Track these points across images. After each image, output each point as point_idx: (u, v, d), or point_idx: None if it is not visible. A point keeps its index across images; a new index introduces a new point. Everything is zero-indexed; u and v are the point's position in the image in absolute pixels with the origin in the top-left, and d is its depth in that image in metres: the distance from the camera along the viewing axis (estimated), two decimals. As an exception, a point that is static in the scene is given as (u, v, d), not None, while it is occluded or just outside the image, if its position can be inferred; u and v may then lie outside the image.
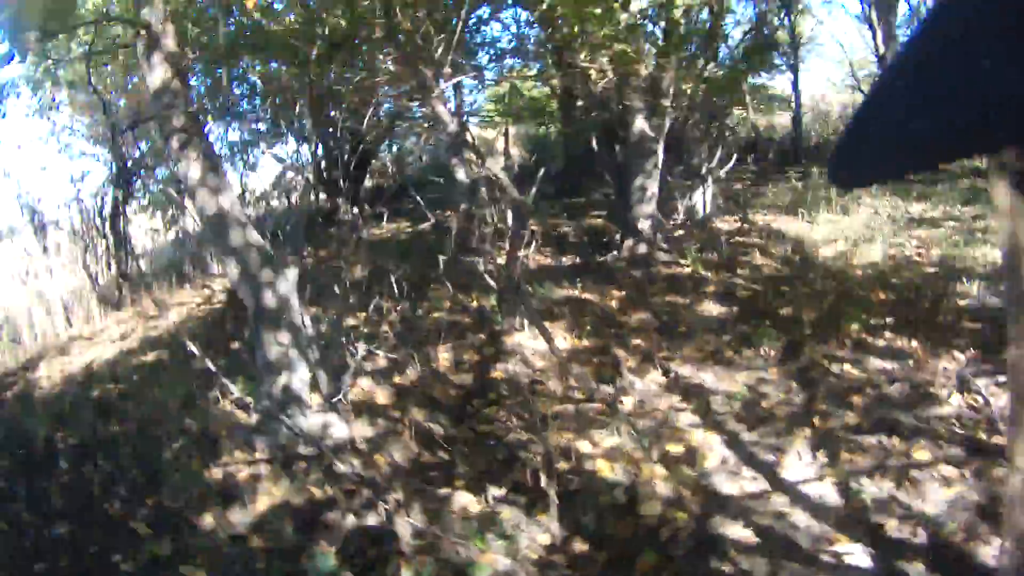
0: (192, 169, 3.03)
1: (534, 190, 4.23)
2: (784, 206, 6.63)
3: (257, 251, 3.11)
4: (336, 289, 3.69)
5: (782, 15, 5.96)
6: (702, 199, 6.09)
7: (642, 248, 5.25)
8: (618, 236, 5.54)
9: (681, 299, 4.26)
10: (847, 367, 3.43)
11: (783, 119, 10.42)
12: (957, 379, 3.39)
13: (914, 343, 3.69)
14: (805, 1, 7.29)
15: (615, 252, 5.41)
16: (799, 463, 2.73)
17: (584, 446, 2.74)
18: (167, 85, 2.99)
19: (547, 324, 4.03)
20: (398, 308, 4.81)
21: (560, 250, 5.86)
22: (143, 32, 3.00)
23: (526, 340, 3.75)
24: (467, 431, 2.95)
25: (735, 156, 5.77)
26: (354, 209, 8.47)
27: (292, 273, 3.22)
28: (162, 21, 3.01)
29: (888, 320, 3.92)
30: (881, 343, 3.70)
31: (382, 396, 3.45)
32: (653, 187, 5.18)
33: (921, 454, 2.83)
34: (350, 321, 4.60)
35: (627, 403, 3.05)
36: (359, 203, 8.46)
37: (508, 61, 6.85)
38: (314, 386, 3.28)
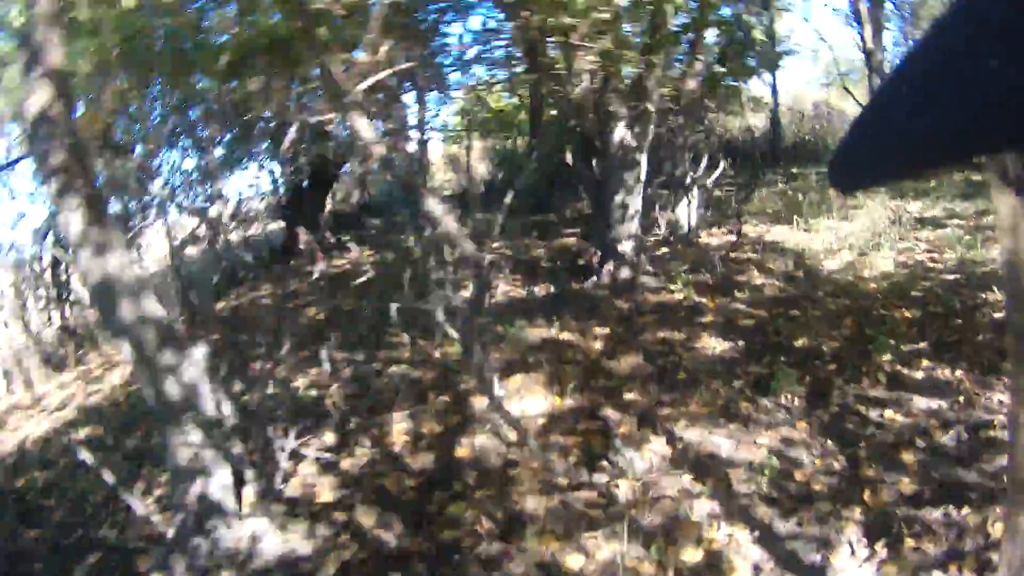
0: (72, 220, 2.34)
1: (500, 217, 3.62)
2: (774, 213, 6.08)
3: (154, 327, 2.41)
4: (284, 339, 3.03)
5: (760, 12, 5.46)
6: (686, 211, 5.51)
7: (625, 272, 4.63)
8: (597, 259, 4.90)
9: (676, 334, 3.63)
10: (887, 412, 2.83)
11: (756, 119, 9.99)
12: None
13: (958, 372, 3.12)
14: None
15: (595, 278, 4.78)
16: (853, 561, 2.10)
17: (575, 560, 2.07)
18: (45, 110, 2.29)
19: (522, 377, 3.38)
20: (351, 361, 4.16)
21: (531, 277, 5.21)
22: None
23: (497, 402, 3.08)
24: (426, 541, 2.27)
25: (720, 162, 5.19)
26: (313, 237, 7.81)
27: (199, 352, 2.53)
28: (44, 27, 2.30)
29: (921, 345, 3.35)
30: (919, 375, 3.12)
31: (325, 489, 2.76)
32: (636, 203, 4.56)
33: (1000, 527, 2.25)
34: (298, 381, 3.95)
35: (624, 487, 2.39)
36: (319, 230, 7.84)
37: (474, 69, 6.29)
38: (240, 481, 2.60)
